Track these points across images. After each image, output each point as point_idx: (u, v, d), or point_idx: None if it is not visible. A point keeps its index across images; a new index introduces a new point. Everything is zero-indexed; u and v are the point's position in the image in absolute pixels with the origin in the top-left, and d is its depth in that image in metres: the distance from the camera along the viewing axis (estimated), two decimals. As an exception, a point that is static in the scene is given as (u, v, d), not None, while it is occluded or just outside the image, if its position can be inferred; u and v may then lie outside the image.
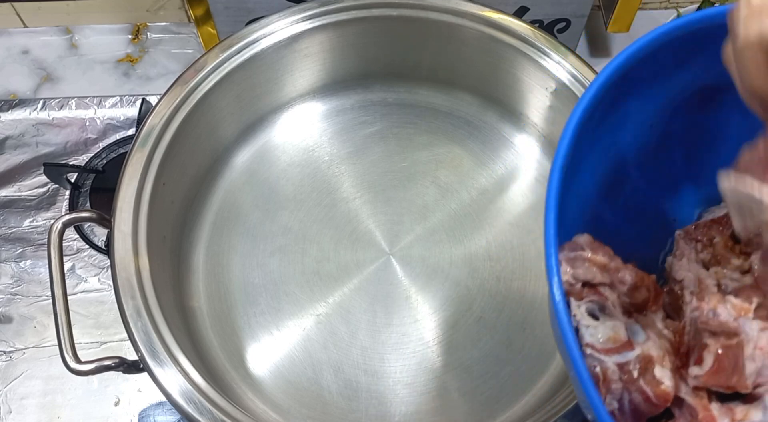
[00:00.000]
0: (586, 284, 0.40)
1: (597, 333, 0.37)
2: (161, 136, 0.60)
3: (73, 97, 0.80)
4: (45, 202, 0.75)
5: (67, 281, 0.55)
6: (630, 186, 0.47)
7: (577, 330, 0.37)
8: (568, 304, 0.38)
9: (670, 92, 0.45)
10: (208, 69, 0.63)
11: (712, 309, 0.39)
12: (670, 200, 0.49)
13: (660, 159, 0.48)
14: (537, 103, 0.68)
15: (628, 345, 0.37)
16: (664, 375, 0.37)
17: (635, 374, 0.36)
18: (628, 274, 0.41)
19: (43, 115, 0.79)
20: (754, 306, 0.40)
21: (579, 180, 0.40)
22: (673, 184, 0.49)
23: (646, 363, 0.37)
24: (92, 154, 0.77)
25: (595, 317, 0.38)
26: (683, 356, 0.40)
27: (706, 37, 0.39)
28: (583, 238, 0.40)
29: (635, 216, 0.48)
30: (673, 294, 0.44)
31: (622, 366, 0.37)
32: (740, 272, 0.44)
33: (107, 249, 0.71)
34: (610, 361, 0.37)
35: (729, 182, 0.35)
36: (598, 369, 0.36)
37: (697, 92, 0.45)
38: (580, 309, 0.38)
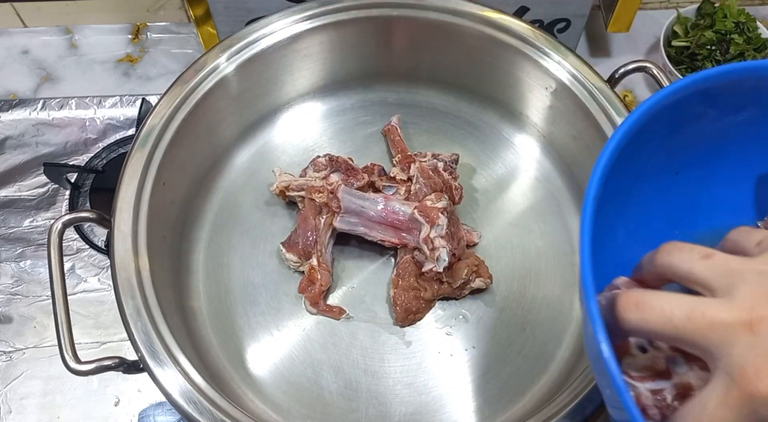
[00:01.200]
0: None
1: (636, 362, 0.38)
2: (161, 136, 0.60)
3: (73, 97, 0.80)
4: (45, 202, 0.75)
5: (67, 281, 0.55)
6: (657, 228, 0.47)
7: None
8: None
9: (694, 140, 0.45)
10: (208, 69, 0.63)
11: None
12: (696, 241, 0.50)
13: (685, 204, 0.48)
14: (537, 102, 0.68)
15: (665, 373, 0.38)
16: None
17: (669, 399, 0.37)
18: None
19: (43, 115, 0.79)
20: None
21: (609, 226, 0.40)
22: (696, 228, 0.50)
23: (685, 390, 0.37)
24: (92, 154, 0.77)
25: (644, 350, 0.39)
26: None
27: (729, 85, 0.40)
28: (621, 280, 0.40)
29: None
30: None
31: (656, 393, 0.37)
32: None
33: (107, 249, 0.71)
34: (643, 387, 0.37)
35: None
36: (631, 393, 0.37)
37: (718, 140, 0.46)
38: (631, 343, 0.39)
